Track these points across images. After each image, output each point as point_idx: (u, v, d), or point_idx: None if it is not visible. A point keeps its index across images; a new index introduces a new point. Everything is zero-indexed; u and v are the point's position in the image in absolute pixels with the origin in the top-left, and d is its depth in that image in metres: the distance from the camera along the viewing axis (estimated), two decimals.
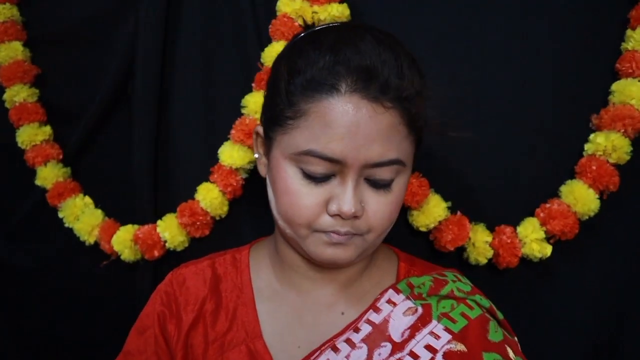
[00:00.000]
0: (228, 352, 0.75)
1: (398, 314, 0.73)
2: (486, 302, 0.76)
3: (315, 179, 0.66)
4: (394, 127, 0.65)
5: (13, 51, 1.21)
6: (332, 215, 0.67)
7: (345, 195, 0.65)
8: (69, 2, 1.20)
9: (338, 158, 0.64)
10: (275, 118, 0.69)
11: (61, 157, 1.24)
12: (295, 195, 0.67)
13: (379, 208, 0.68)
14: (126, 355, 0.82)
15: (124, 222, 1.16)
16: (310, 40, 0.70)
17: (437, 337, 0.70)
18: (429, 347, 0.69)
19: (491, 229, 1.02)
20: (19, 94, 1.21)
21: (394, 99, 0.64)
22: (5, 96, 1.23)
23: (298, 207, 0.67)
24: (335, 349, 0.71)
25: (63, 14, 1.21)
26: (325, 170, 0.66)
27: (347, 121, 0.63)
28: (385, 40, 0.67)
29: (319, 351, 0.71)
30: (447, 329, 0.70)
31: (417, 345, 0.69)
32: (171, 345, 0.78)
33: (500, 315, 0.77)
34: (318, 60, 0.65)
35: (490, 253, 0.99)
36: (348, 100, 0.63)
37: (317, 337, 0.73)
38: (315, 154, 0.64)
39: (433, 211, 1.00)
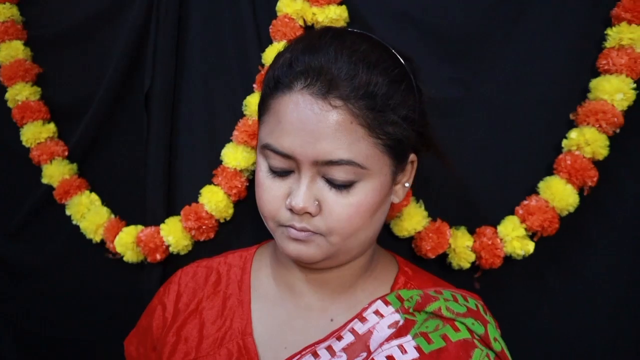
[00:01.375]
0: (221, 347, 0.77)
1: (383, 326, 0.71)
2: (480, 328, 0.72)
3: (276, 172, 0.69)
4: (344, 126, 0.64)
5: (14, 50, 1.22)
6: (289, 210, 0.68)
7: (297, 190, 0.67)
8: (69, 1, 1.19)
9: (287, 153, 0.66)
10: (259, 112, 0.74)
11: (67, 154, 1.24)
12: (262, 187, 0.70)
13: (336, 209, 0.67)
14: (137, 327, 0.91)
15: (132, 220, 1.17)
16: (288, 45, 0.74)
17: (404, 351, 0.68)
18: (389, 357, 0.67)
19: (473, 228, 1.02)
20: (21, 93, 1.22)
21: (343, 97, 0.64)
22: (7, 95, 1.23)
23: (263, 199, 0.70)
24: (315, 355, 0.71)
25: (63, 12, 1.20)
26: (283, 165, 0.68)
27: (295, 117, 0.65)
28: (351, 44, 0.68)
29: (299, 355, 0.72)
30: (417, 347, 0.68)
31: (380, 354, 0.68)
32: (162, 332, 0.82)
33: (496, 347, 0.72)
34: (280, 61, 0.70)
35: (472, 257, 1.00)
36: (298, 97, 0.65)
37: (304, 340, 0.74)
38: (270, 148, 0.68)
39: (408, 223, 1.01)
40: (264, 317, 0.78)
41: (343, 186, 0.67)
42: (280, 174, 0.69)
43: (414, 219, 1.01)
